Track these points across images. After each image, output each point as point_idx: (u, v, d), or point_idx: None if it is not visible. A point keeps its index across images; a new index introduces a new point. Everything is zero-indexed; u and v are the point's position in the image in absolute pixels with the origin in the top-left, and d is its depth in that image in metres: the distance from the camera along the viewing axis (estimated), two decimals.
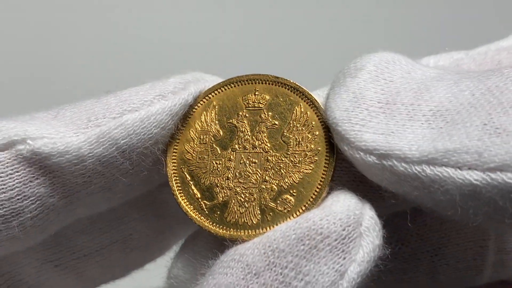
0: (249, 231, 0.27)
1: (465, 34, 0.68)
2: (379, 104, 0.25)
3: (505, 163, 0.21)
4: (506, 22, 0.77)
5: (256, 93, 0.28)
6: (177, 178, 0.28)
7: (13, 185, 0.25)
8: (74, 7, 0.79)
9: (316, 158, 0.27)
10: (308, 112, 0.27)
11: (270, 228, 0.26)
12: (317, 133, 0.27)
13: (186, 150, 0.28)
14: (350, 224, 0.24)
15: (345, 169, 0.27)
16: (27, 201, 0.26)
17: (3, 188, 0.25)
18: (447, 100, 0.24)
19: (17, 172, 0.25)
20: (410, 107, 0.24)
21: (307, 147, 0.27)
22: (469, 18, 0.82)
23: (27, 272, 0.31)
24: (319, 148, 0.27)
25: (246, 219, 0.27)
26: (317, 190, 0.26)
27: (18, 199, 0.26)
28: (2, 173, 0.25)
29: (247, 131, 0.28)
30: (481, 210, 0.22)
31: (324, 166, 0.27)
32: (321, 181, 0.27)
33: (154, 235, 0.34)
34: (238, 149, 0.28)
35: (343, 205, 0.24)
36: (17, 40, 0.78)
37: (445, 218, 0.25)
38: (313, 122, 0.27)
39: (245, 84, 0.28)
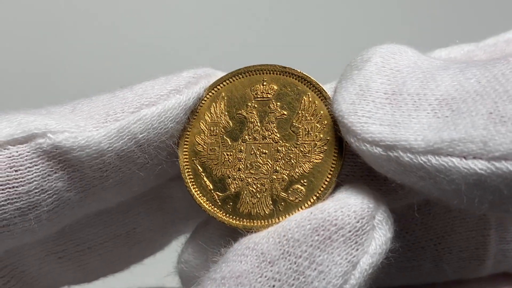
0: (262, 221, 0.27)
1: (472, 26, 0.69)
2: (385, 95, 0.25)
3: (509, 151, 0.21)
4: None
5: (264, 83, 0.28)
6: (189, 170, 0.28)
7: (32, 178, 0.26)
8: (78, 5, 0.78)
9: (326, 148, 0.27)
10: (316, 102, 0.28)
11: (282, 218, 0.27)
12: (325, 122, 0.27)
13: (197, 142, 0.29)
14: (364, 217, 0.24)
15: (354, 161, 0.27)
16: (44, 195, 0.26)
17: (21, 181, 0.26)
18: (453, 88, 0.24)
19: (36, 165, 0.26)
20: (416, 96, 0.24)
21: (316, 137, 0.27)
22: (477, 10, 0.82)
23: (31, 263, 0.31)
24: (328, 138, 0.27)
25: (259, 210, 0.27)
26: (327, 179, 0.27)
27: (35, 192, 0.26)
28: (21, 166, 0.26)
29: (257, 122, 0.28)
30: (487, 199, 0.22)
31: (334, 156, 0.27)
32: (331, 170, 0.27)
33: (157, 229, 0.34)
34: (248, 140, 0.28)
35: (358, 198, 0.25)
36: (21, 39, 0.78)
37: (450, 207, 0.25)
38: (322, 112, 0.28)
39: (252, 74, 0.29)
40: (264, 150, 0.28)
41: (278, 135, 0.28)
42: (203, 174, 0.28)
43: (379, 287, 0.26)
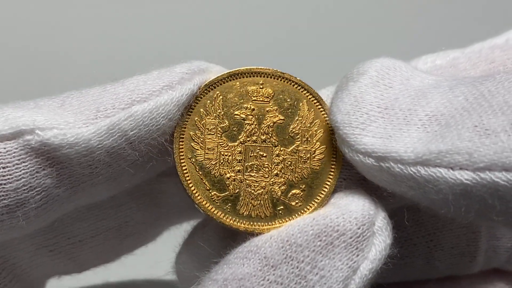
0: (262, 223, 0.27)
1: (461, 31, 0.69)
2: (378, 108, 0.26)
3: (493, 162, 0.22)
4: (499, 19, 0.78)
5: (262, 86, 0.28)
6: (185, 168, 0.28)
7: (20, 175, 0.25)
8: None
9: (324, 155, 0.28)
10: (313, 110, 0.28)
11: (283, 222, 0.27)
12: (323, 130, 0.28)
13: (193, 140, 0.28)
14: (365, 223, 0.25)
15: (351, 166, 0.28)
16: (32, 192, 0.25)
17: (9, 178, 0.25)
18: (443, 105, 0.25)
19: (24, 162, 0.25)
20: (407, 112, 0.25)
21: (315, 144, 0.28)
22: (464, 16, 0.83)
23: (21, 256, 0.31)
24: (326, 145, 0.28)
25: (259, 212, 0.27)
26: (327, 186, 0.28)
27: (24, 189, 0.25)
28: (9, 163, 0.25)
29: (255, 125, 0.28)
30: (472, 208, 0.23)
31: (332, 163, 0.28)
32: (330, 177, 0.28)
33: (149, 222, 0.34)
34: (247, 142, 0.28)
35: (359, 205, 0.26)
36: (16, 35, 0.76)
37: (439, 215, 0.26)
38: (319, 120, 0.28)
39: (250, 76, 0.28)
40: (263, 153, 0.28)
41: (277, 140, 0.28)
42: (200, 173, 0.28)
43: (372, 284, 0.27)
